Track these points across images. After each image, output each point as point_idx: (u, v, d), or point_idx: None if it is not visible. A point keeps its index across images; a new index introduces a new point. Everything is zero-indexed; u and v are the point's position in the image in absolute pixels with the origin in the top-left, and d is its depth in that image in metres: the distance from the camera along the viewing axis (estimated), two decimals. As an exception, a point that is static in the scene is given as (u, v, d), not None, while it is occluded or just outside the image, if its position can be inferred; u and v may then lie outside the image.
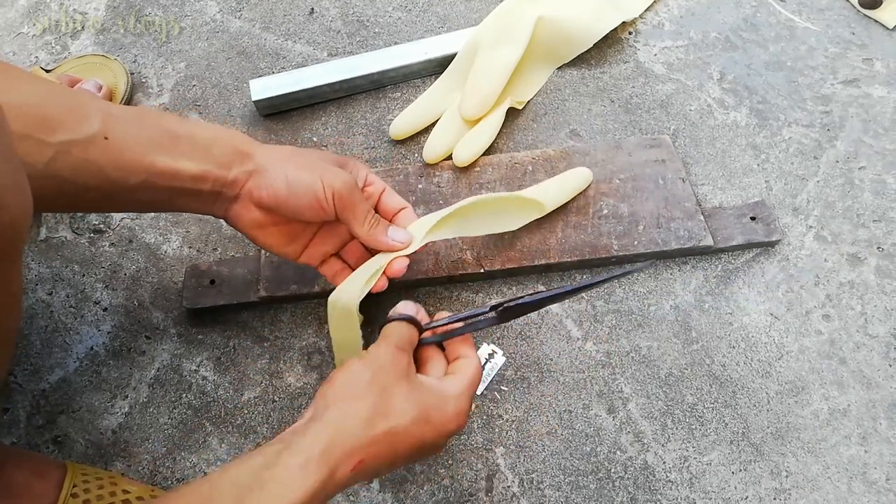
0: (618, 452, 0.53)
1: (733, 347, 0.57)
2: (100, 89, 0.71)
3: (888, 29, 0.75)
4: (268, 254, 0.60)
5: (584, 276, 0.61)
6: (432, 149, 0.65)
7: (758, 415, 0.54)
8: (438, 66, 0.73)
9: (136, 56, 0.79)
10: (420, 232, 0.50)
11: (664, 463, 0.53)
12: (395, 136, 0.69)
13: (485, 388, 0.56)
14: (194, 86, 0.76)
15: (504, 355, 0.57)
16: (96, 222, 0.68)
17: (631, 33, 0.77)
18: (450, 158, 0.65)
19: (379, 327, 0.43)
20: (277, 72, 0.75)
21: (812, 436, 0.53)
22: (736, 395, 0.55)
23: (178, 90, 0.76)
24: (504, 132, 0.69)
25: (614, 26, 0.74)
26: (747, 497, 0.51)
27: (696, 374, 0.56)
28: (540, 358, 0.58)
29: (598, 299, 0.60)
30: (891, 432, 0.53)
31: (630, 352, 0.57)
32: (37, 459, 0.49)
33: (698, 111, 0.70)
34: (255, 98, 0.70)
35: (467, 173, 0.65)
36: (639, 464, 0.53)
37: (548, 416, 0.55)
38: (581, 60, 0.74)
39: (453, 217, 0.50)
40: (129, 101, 0.75)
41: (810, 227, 0.63)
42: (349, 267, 0.53)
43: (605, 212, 0.61)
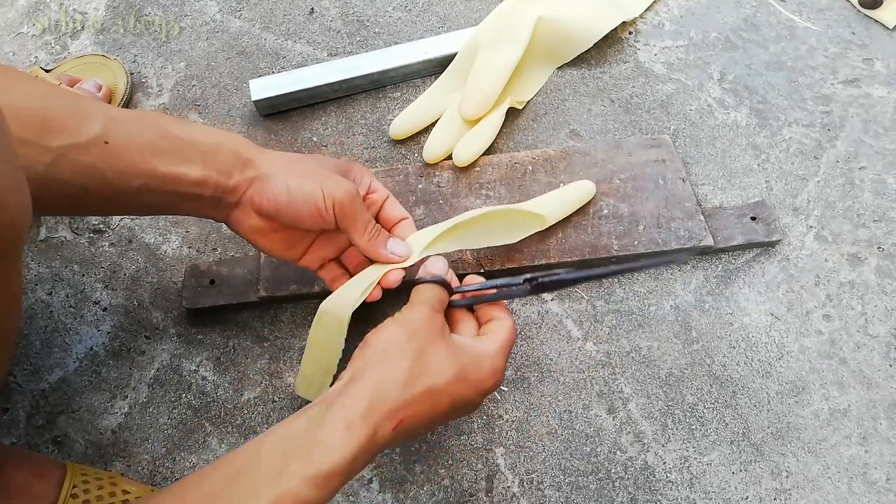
0: (618, 453, 0.53)
1: (734, 347, 0.57)
2: (99, 89, 0.71)
3: (888, 29, 0.75)
4: (268, 254, 0.60)
5: (612, 264, 0.59)
6: (432, 149, 0.65)
7: (758, 415, 0.54)
8: (438, 66, 0.73)
9: (135, 56, 0.79)
10: (419, 245, 0.50)
11: (664, 463, 0.53)
12: (395, 135, 0.69)
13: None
14: (194, 86, 0.76)
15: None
16: (96, 222, 0.68)
17: (631, 33, 0.77)
18: (450, 158, 0.65)
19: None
20: (277, 72, 0.75)
21: (812, 436, 0.53)
22: (736, 395, 0.55)
23: (178, 90, 0.76)
24: (504, 132, 0.69)
25: (614, 26, 0.74)
26: (747, 497, 0.51)
27: (696, 374, 0.56)
28: (540, 358, 0.57)
29: (598, 299, 0.60)
30: (891, 432, 0.53)
31: (630, 352, 0.57)
32: (37, 459, 0.49)
33: (698, 111, 0.70)
34: (254, 98, 0.70)
35: (467, 173, 0.65)
36: (639, 464, 0.53)
37: (548, 417, 0.55)
38: (581, 60, 0.74)
39: (453, 230, 0.50)
40: (128, 101, 0.75)
41: (811, 227, 0.63)
42: (348, 272, 0.53)
43: (606, 212, 0.61)
